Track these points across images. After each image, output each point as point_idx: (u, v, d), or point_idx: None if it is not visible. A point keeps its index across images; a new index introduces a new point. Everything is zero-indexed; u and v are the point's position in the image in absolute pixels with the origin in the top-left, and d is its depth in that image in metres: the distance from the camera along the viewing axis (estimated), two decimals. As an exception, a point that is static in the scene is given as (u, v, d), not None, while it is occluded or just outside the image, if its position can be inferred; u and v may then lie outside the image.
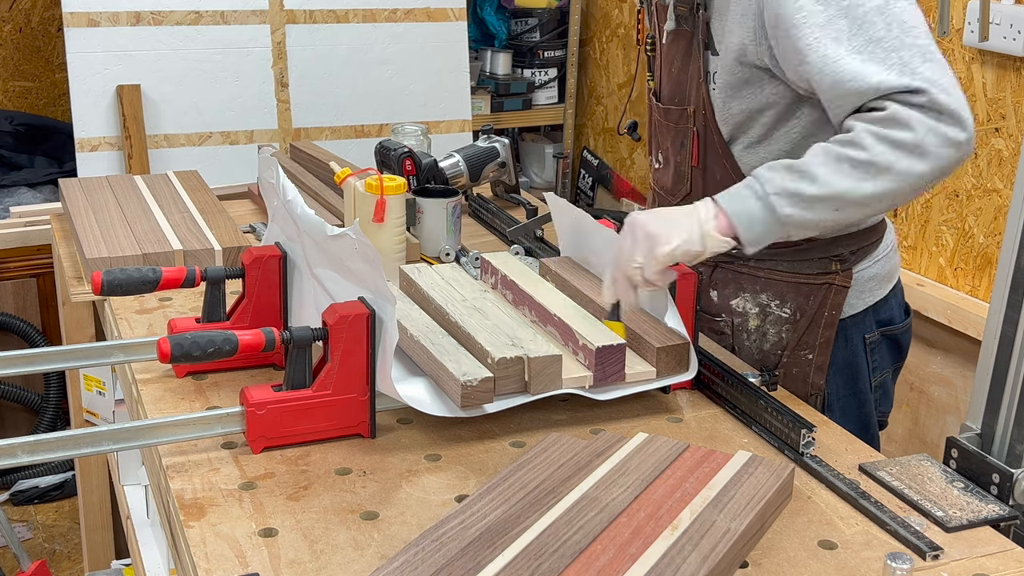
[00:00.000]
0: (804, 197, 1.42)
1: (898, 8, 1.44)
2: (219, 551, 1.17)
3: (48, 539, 3.25)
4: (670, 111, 1.73)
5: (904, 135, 1.40)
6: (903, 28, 1.43)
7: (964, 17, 2.47)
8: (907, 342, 1.81)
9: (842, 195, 1.42)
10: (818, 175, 1.42)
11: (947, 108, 1.40)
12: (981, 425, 1.36)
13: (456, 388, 1.37)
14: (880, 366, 1.75)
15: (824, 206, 1.43)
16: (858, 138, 1.42)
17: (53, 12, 3.91)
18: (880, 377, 1.76)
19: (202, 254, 1.95)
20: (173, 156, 3.29)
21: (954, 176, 2.56)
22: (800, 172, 1.43)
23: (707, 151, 1.67)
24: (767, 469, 1.27)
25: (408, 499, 1.28)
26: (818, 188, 1.42)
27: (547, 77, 4.15)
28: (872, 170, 1.41)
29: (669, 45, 1.71)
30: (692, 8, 1.62)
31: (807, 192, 1.42)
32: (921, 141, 1.40)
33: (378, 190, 1.82)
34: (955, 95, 1.42)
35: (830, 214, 1.44)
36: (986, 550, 1.21)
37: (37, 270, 3.39)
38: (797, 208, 1.43)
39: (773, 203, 1.43)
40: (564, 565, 1.08)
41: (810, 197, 1.42)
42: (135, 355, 1.55)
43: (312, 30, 3.43)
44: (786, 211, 1.43)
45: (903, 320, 1.78)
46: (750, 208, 1.44)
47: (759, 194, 1.44)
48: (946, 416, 2.66)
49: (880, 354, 1.75)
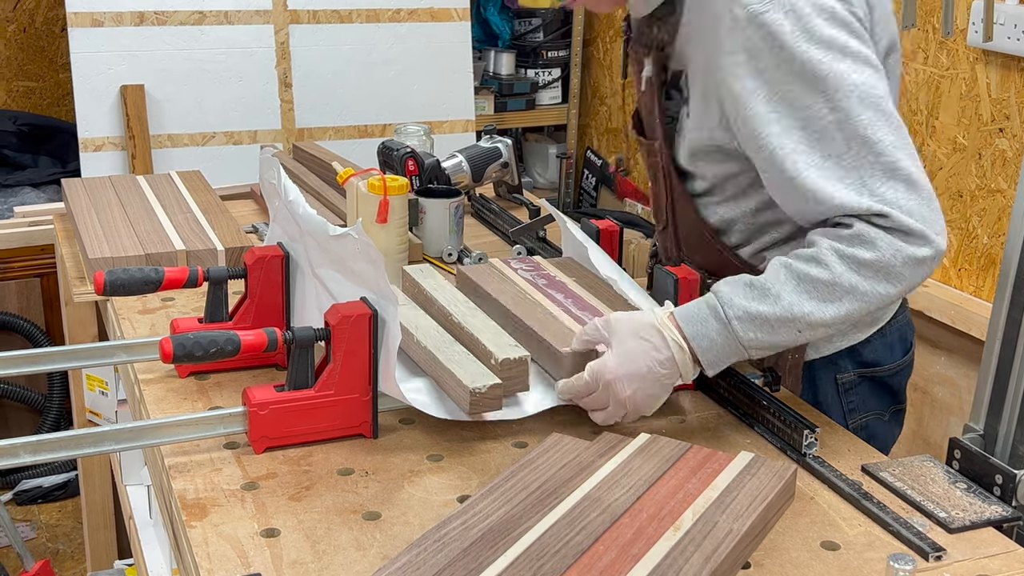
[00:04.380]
0: (767, 320, 1.34)
1: (861, 121, 1.34)
2: (221, 551, 1.17)
3: (51, 539, 3.25)
4: (642, 142, 1.67)
5: (869, 255, 1.32)
6: (864, 144, 1.34)
7: (968, 17, 2.47)
8: (900, 384, 1.69)
9: (805, 317, 1.33)
10: (781, 295, 1.34)
11: (911, 228, 1.32)
12: (984, 426, 1.36)
13: (465, 396, 1.37)
14: (860, 408, 1.65)
15: (787, 329, 1.35)
16: (821, 255, 1.34)
17: (57, 12, 3.91)
18: (861, 420, 1.66)
19: (205, 254, 1.95)
20: (176, 156, 3.29)
21: (958, 176, 2.56)
22: (762, 292, 1.35)
23: (675, 191, 1.61)
24: (770, 470, 1.27)
25: (410, 499, 1.28)
26: (781, 310, 1.34)
27: (551, 77, 4.15)
28: (836, 291, 1.33)
29: (641, 77, 1.64)
30: (648, 50, 1.56)
31: (769, 314, 1.34)
32: (887, 262, 1.32)
33: (381, 190, 1.82)
34: (919, 214, 1.33)
35: (792, 336, 1.36)
36: (989, 551, 1.21)
37: (41, 270, 3.39)
38: (760, 332, 1.35)
39: (735, 328, 1.35)
40: (566, 566, 1.08)
41: (773, 319, 1.34)
42: (138, 355, 1.55)
43: (315, 30, 3.43)
44: (749, 336, 1.35)
45: (894, 361, 1.66)
46: (710, 331, 1.36)
47: (719, 317, 1.36)
48: (949, 417, 2.65)
49: (860, 396, 1.65)
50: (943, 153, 2.60)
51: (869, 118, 1.34)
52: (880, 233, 1.32)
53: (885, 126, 1.35)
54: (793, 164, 1.37)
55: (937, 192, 1.38)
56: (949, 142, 2.58)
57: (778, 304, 1.34)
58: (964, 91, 2.53)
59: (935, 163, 2.62)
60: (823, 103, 1.35)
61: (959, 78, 2.54)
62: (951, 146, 2.58)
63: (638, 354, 1.37)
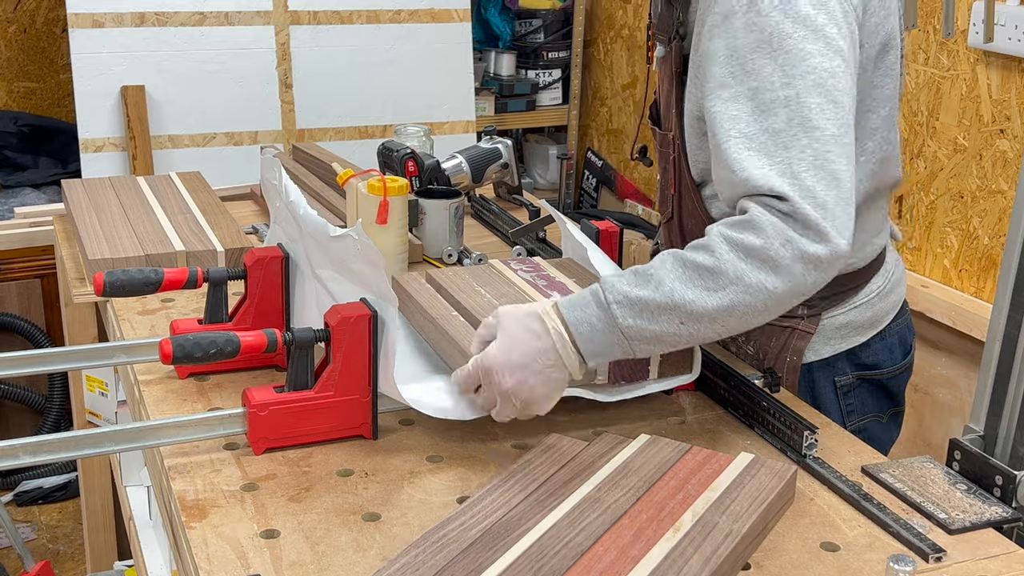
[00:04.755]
0: (647, 305, 1.28)
1: (809, 105, 1.29)
2: (221, 552, 1.17)
3: (52, 540, 3.26)
4: (656, 132, 1.67)
5: (756, 242, 1.26)
6: (804, 127, 1.29)
7: (969, 18, 2.47)
8: (899, 387, 1.67)
9: (685, 305, 1.27)
10: (663, 281, 1.28)
11: (812, 221, 1.25)
12: (984, 427, 1.36)
13: None
14: (858, 411, 1.63)
15: (668, 318, 1.28)
16: (710, 242, 1.29)
17: (57, 13, 3.91)
18: (859, 422, 1.64)
19: (204, 255, 1.95)
20: (177, 157, 3.29)
21: (959, 177, 2.56)
22: (645, 277, 1.30)
23: (681, 182, 1.60)
24: (769, 471, 1.27)
25: (410, 500, 1.28)
26: (661, 295, 1.28)
27: (551, 78, 4.15)
28: (720, 280, 1.26)
29: (660, 64, 1.64)
30: (669, 37, 1.56)
31: (649, 300, 1.28)
32: (773, 251, 1.25)
33: (381, 191, 1.82)
34: (827, 209, 1.26)
35: (675, 327, 1.29)
36: (989, 552, 1.21)
37: (41, 271, 3.39)
38: (640, 319, 1.29)
39: (614, 312, 1.29)
40: (566, 567, 1.08)
41: (653, 306, 1.28)
42: (137, 356, 1.55)
43: (316, 31, 3.43)
44: (628, 322, 1.29)
45: (893, 364, 1.64)
46: (590, 316, 1.31)
47: (600, 302, 1.30)
48: (950, 418, 2.65)
49: (859, 398, 1.63)
50: (944, 154, 2.60)
51: (818, 104, 1.30)
52: (772, 220, 1.26)
53: (832, 118, 1.30)
54: (726, 131, 1.33)
55: (938, 193, 1.38)
56: (950, 143, 2.58)
57: (659, 290, 1.28)
58: (965, 92, 2.53)
59: (936, 164, 2.62)
60: (779, 77, 1.31)
61: (960, 79, 2.54)
62: (952, 147, 2.57)
63: (520, 342, 1.33)
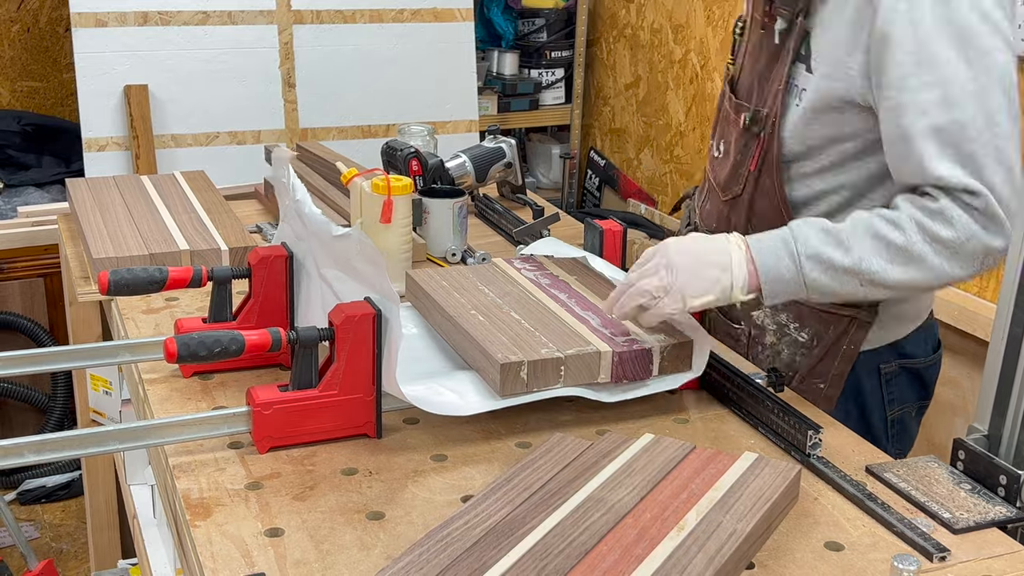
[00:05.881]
0: (834, 266, 1.41)
1: (993, 100, 1.39)
2: (225, 551, 1.17)
3: (55, 538, 3.26)
4: (742, 106, 1.65)
5: (946, 233, 1.39)
6: (989, 121, 1.38)
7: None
8: (932, 378, 1.74)
9: (870, 273, 1.41)
10: (853, 246, 1.41)
11: (998, 217, 1.39)
12: (988, 427, 1.35)
13: (495, 369, 1.38)
14: (898, 399, 1.70)
15: (851, 279, 1.42)
16: (901, 221, 1.41)
17: (61, 12, 3.92)
18: (898, 411, 1.70)
19: (208, 254, 1.95)
20: (180, 156, 3.29)
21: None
22: (836, 239, 1.42)
23: (766, 160, 1.61)
24: (773, 470, 1.27)
25: (414, 499, 1.28)
26: (850, 260, 1.41)
27: (554, 77, 4.15)
28: (905, 257, 1.40)
29: (760, 38, 1.63)
30: (793, 14, 1.55)
31: (838, 261, 1.41)
32: (961, 244, 1.39)
33: (384, 190, 1.82)
34: (1008, 204, 1.39)
35: (854, 288, 1.42)
36: (993, 552, 1.21)
37: (45, 270, 3.39)
38: (825, 276, 1.41)
39: (803, 265, 1.41)
40: (570, 566, 1.08)
41: (840, 267, 1.41)
42: (142, 355, 1.55)
43: (319, 30, 3.43)
44: (813, 275, 1.41)
45: (928, 355, 1.71)
46: (780, 266, 1.42)
47: (792, 253, 1.42)
48: (954, 418, 2.65)
49: (899, 387, 1.69)
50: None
51: (999, 101, 1.39)
52: (962, 214, 1.38)
53: (1008, 113, 1.40)
54: (913, 121, 1.40)
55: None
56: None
57: (849, 253, 1.41)
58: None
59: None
60: (966, 71, 1.38)
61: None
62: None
63: (699, 239, 1.45)
